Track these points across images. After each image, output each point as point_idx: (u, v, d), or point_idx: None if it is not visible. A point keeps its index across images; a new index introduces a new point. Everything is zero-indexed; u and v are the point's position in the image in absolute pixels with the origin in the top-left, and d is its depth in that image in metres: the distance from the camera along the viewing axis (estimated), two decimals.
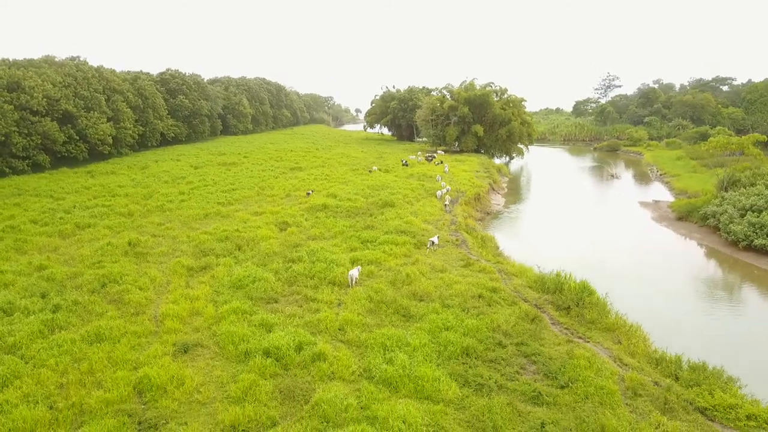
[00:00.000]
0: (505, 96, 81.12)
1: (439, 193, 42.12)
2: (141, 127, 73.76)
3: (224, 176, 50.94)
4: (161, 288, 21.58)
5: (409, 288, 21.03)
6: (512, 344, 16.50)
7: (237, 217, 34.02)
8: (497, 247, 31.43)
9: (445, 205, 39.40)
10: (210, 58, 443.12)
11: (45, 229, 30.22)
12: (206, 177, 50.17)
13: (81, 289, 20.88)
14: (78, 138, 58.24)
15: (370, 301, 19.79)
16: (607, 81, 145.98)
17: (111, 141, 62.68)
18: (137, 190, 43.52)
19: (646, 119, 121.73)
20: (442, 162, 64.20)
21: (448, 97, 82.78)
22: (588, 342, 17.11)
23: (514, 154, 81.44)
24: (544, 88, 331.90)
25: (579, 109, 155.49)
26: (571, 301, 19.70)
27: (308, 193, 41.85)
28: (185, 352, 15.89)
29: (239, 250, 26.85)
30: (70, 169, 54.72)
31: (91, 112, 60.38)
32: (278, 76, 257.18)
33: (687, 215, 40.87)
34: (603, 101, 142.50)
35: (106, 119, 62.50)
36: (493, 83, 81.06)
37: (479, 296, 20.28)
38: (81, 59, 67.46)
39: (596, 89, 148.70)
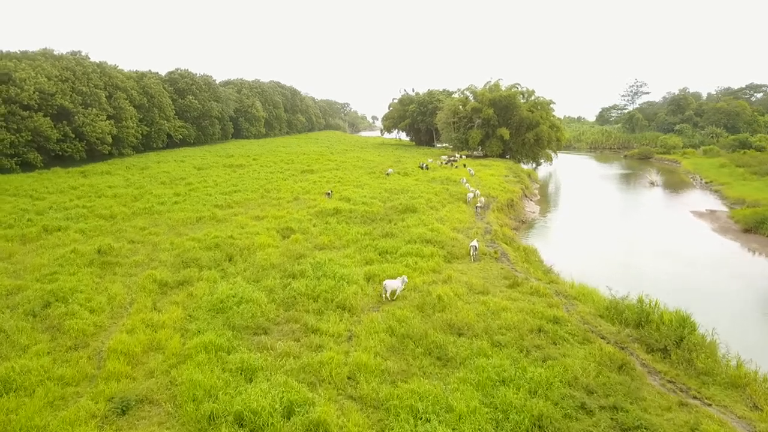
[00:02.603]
0: (533, 98, 75.69)
1: (469, 196, 36.98)
2: (145, 127, 69.79)
3: (227, 178, 46.34)
4: (120, 310, 16.68)
5: (442, 316, 15.84)
6: (601, 408, 11.24)
7: (234, 222, 29.18)
8: (542, 261, 26.14)
9: (477, 208, 34.28)
10: (225, 64, 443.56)
11: (6, 233, 25.57)
12: (208, 178, 45.61)
13: (16, 309, 16.07)
14: (74, 136, 54.15)
15: (392, 335, 14.65)
16: (635, 87, 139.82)
17: (111, 140, 58.54)
18: (128, 191, 38.99)
19: (677, 127, 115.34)
20: (465, 165, 59.10)
21: (471, 98, 77.62)
22: (710, 406, 11.76)
23: (542, 160, 75.84)
24: (565, 96, 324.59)
25: (603, 117, 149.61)
26: (668, 340, 14.33)
27: (328, 194, 37.28)
28: (123, 412, 10.90)
29: (230, 261, 21.95)
30: (63, 168, 50.54)
31: (89, 108, 56.36)
32: (294, 82, 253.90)
33: (757, 226, 35.12)
34: (630, 108, 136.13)
35: (105, 117, 58.44)
36: (519, 84, 75.83)
37: (539, 330, 15.02)
38: (83, 54, 63.67)
39: (623, 96, 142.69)
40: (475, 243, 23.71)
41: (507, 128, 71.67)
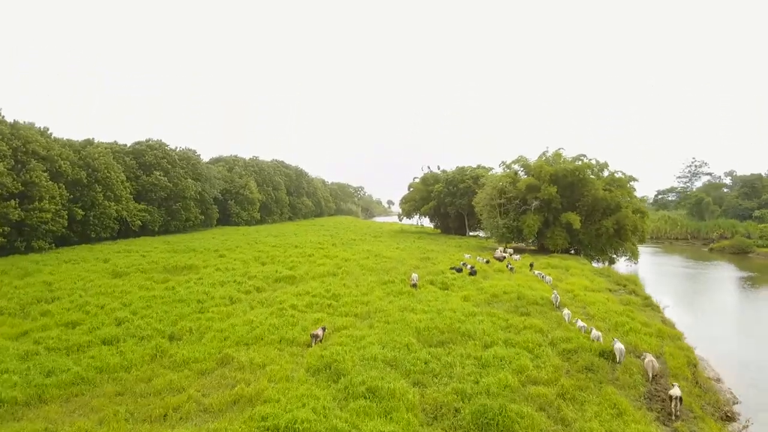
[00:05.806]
0: (605, 173, 56.14)
1: (618, 350, 16.10)
2: (80, 211, 51.02)
3: (134, 298, 26.08)
4: None
5: None
6: None
7: None
8: None
9: (674, 410, 13.26)
10: (232, 146, 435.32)
11: None
12: (100, 298, 25.47)
13: None
14: None
15: None
16: (693, 168, 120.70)
17: (1, 229, 39.34)
18: None
19: (756, 213, 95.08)
20: (532, 266, 38.57)
21: (522, 173, 58.29)
22: None
23: (625, 257, 54.82)
24: None
25: (656, 202, 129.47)
26: None
27: (314, 337, 18.02)
28: None
29: None
30: None
31: None
32: (304, 164, 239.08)
33: None
34: (691, 190, 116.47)
35: None
36: (585, 155, 56.44)
37: None
38: None
39: (679, 177, 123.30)
40: None
41: (575, 213, 51.64)
